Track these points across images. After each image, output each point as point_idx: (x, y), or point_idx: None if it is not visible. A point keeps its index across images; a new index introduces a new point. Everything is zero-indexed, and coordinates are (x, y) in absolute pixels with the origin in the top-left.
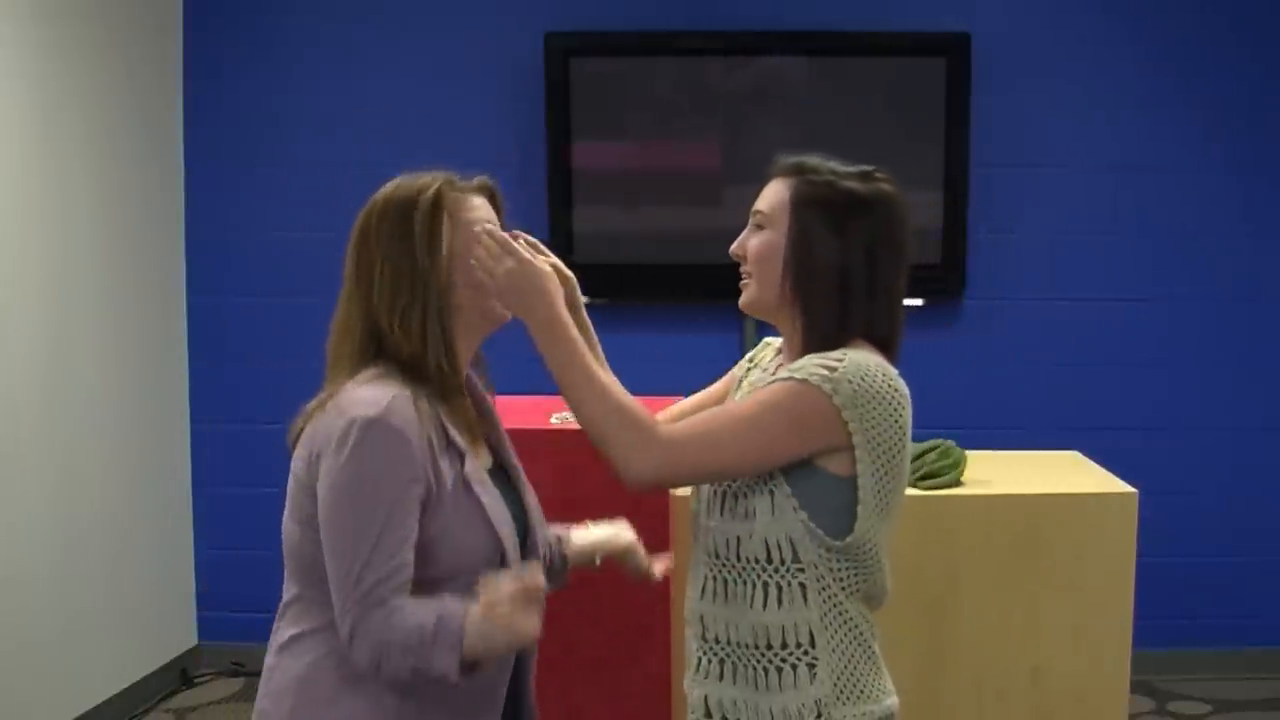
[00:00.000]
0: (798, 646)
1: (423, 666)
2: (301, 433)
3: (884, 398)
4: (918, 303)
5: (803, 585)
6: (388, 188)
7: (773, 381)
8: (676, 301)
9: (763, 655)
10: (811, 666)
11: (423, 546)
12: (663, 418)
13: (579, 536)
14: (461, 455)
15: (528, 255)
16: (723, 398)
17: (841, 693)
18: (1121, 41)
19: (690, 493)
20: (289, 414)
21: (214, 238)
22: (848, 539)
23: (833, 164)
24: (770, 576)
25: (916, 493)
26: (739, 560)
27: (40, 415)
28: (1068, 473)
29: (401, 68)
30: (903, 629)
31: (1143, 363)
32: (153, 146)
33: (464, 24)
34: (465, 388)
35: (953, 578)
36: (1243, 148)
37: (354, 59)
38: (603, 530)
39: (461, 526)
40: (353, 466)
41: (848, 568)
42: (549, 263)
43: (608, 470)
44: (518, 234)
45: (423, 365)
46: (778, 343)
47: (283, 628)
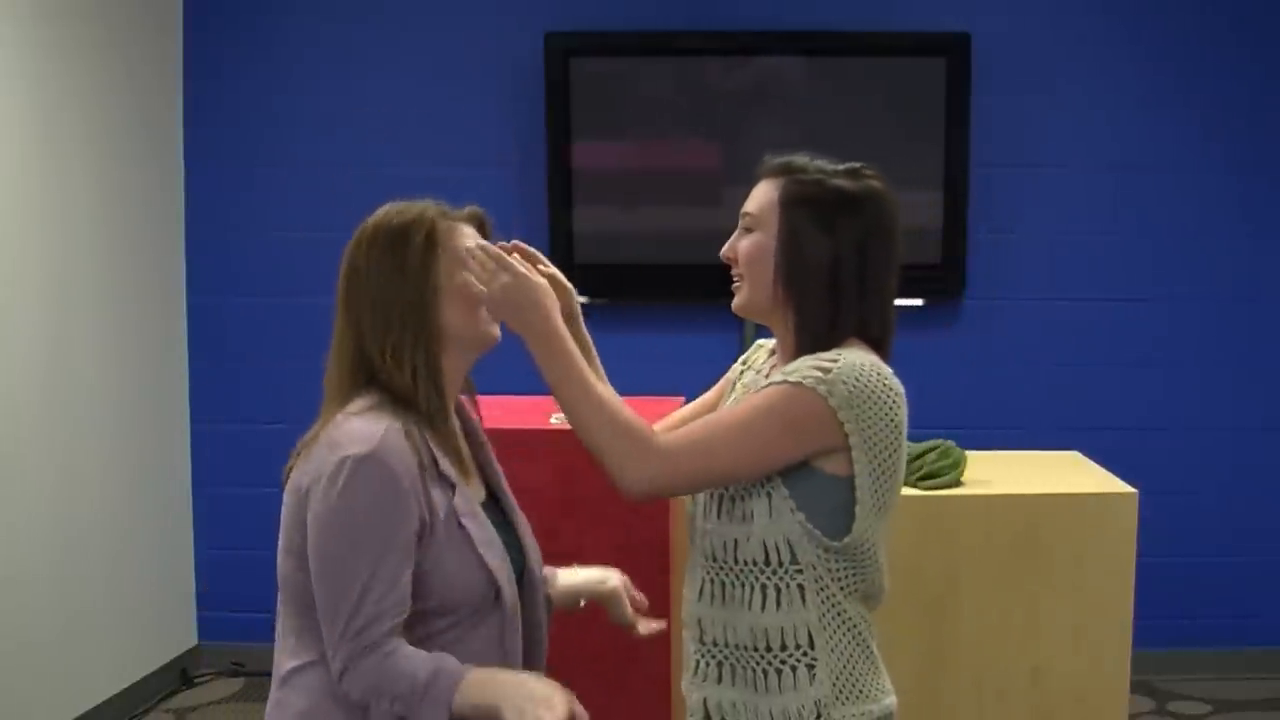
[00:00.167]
0: (796, 648)
1: (410, 717)
2: (293, 468)
3: (879, 397)
4: (918, 303)
5: (801, 586)
6: (378, 216)
7: (766, 385)
8: (676, 302)
9: (761, 657)
10: (811, 667)
11: (415, 579)
12: (660, 428)
13: (565, 577)
14: (453, 486)
15: (522, 269)
16: (717, 404)
17: (841, 693)
18: (1121, 42)
19: (687, 496)
20: (289, 414)
21: (214, 238)
22: (846, 539)
23: (820, 162)
24: (768, 578)
25: (916, 493)
26: (737, 563)
27: (40, 415)
28: (1068, 473)
29: (401, 68)
30: (902, 629)
31: (1143, 363)
32: (153, 146)
33: (464, 24)
34: (456, 414)
35: (953, 578)
36: (1243, 148)
37: (354, 59)
38: (590, 573)
39: (453, 560)
40: (344, 504)
41: (846, 568)
42: (547, 273)
43: (605, 479)
44: (514, 245)
45: (413, 396)
46: (770, 344)
47: (283, 660)
